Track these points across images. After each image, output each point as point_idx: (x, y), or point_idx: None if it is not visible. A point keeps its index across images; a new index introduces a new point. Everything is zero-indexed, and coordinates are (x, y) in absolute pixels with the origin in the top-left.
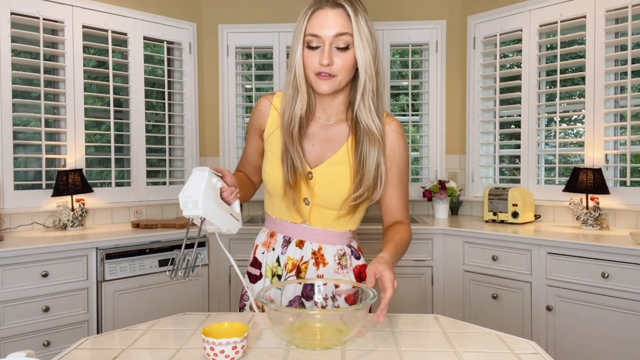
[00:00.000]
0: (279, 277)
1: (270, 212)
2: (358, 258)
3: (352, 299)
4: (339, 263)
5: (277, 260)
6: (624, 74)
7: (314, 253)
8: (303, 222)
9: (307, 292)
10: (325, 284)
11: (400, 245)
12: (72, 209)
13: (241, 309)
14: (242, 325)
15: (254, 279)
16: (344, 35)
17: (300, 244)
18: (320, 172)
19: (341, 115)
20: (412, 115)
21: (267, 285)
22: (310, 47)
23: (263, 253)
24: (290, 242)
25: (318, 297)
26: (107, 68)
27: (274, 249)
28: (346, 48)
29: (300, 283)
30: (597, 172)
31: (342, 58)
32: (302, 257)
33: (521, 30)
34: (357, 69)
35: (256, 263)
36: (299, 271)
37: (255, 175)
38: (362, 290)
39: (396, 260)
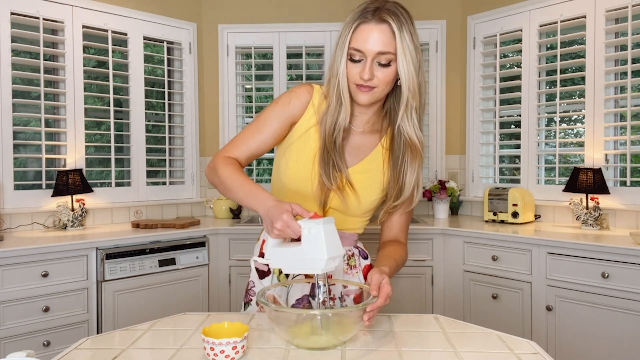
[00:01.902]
0: (287, 274)
1: None
2: (366, 258)
3: (360, 300)
4: (347, 263)
5: None
6: (624, 74)
7: None
8: None
9: (315, 292)
10: (330, 285)
11: (399, 264)
12: (72, 209)
13: (247, 304)
14: (242, 325)
15: (261, 274)
16: (386, 54)
17: None
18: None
19: (374, 125)
20: None
21: (269, 285)
22: (352, 60)
23: None
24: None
25: (320, 297)
26: (107, 68)
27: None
28: (388, 64)
29: (308, 282)
30: (597, 172)
31: (383, 72)
32: None
33: (521, 30)
34: (397, 80)
35: (264, 257)
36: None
37: (250, 158)
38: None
39: (391, 277)
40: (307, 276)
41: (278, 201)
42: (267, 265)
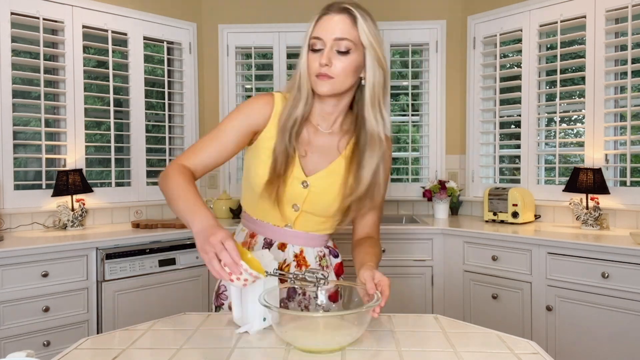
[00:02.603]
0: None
1: (251, 212)
2: (336, 256)
3: (335, 297)
4: (319, 264)
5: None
6: (624, 74)
7: (295, 256)
8: (286, 226)
9: (290, 293)
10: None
11: (379, 259)
12: (72, 209)
13: (218, 307)
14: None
15: None
16: (344, 40)
17: (283, 246)
18: (315, 182)
19: (342, 126)
20: (412, 115)
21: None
22: (313, 50)
23: None
24: (272, 245)
25: (298, 297)
26: (107, 68)
27: (253, 250)
28: (346, 52)
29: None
30: (597, 172)
31: (341, 61)
32: (284, 259)
33: (521, 30)
34: (361, 79)
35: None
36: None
37: (207, 168)
38: (344, 288)
39: None
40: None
41: (216, 225)
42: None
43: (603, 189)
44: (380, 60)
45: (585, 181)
